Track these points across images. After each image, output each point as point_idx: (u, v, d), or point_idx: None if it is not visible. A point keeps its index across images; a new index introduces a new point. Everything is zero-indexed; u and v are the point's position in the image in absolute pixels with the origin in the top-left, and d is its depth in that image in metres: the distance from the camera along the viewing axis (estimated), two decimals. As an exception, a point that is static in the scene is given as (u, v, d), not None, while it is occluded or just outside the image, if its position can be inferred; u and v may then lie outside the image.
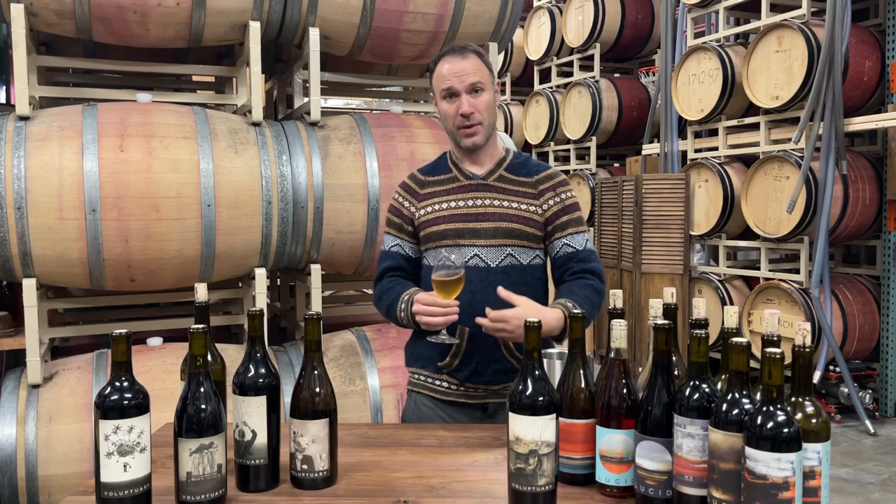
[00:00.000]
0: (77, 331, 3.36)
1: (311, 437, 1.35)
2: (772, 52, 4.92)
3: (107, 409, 1.22)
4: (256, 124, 3.27)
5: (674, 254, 5.29)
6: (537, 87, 7.86)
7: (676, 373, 1.40)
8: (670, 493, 1.23)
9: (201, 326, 1.29)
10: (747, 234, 5.34)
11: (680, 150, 5.92)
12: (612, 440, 1.30)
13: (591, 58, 7.17)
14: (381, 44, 3.50)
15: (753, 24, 5.28)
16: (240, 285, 3.61)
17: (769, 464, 1.07)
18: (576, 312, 1.39)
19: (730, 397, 1.15)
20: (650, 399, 1.26)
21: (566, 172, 7.40)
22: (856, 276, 5.26)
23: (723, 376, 1.32)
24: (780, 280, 4.94)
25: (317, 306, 3.31)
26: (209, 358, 1.38)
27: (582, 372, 1.37)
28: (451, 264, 1.73)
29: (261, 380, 1.37)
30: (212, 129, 3.09)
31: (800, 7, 4.87)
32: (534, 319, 1.30)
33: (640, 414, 1.27)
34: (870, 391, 4.81)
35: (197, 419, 1.26)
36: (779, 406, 1.09)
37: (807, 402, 1.17)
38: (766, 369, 1.11)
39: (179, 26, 3.20)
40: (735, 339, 1.17)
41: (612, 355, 1.34)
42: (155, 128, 2.98)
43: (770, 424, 1.08)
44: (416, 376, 1.99)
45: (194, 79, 4.44)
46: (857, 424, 4.65)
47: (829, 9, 4.57)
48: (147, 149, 2.92)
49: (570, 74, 7.47)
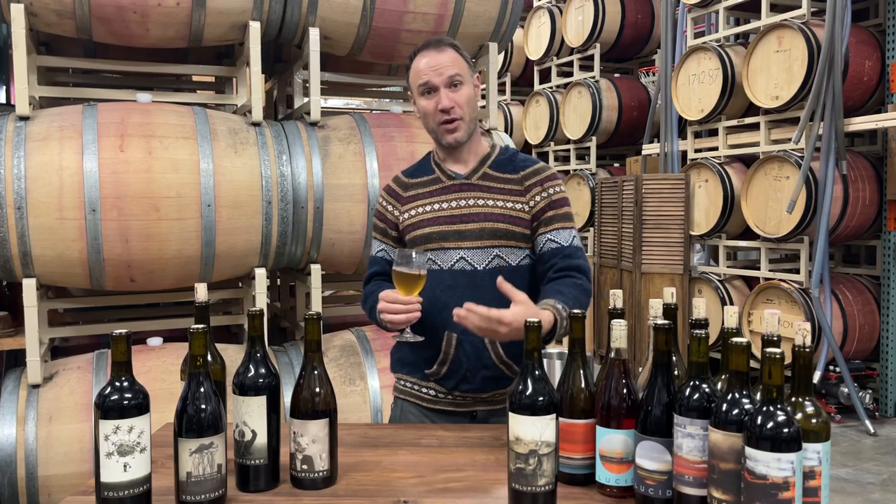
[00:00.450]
0: (77, 331, 3.36)
1: (311, 437, 1.35)
2: (772, 52, 4.92)
3: (107, 409, 1.22)
4: (256, 124, 3.27)
5: (674, 254, 5.29)
6: (537, 87, 7.86)
7: (676, 373, 1.39)
8: (670, 493, 1.23)
9: (201, 326, 1.29)
10: (747, 234, 5.34)
11: (680, 150, 5.92)
12: (612, 440, 1.30)
13: (591, 58, 7.17)
14: (381, 44, 3.50)
15: (753, 24, 5.28)
16: (240, 285, 3.61)
17: (769, 464, 1.07)
18: (576, 313, 1.39)
19: (730, 397, 1.15)
20: (650, 399, 1.26)
21: (566, 172, 7.40)
22: (856, 276, 5.26)
23: (723, 376, 1.32)
24: (780, 280, 4.94)
25: (317, 306, 3.31)
26: (209, 358, 1.38)
27: (582, 372, 1.37)
28: (411, 258, 1.65)
29: (261, 380, 1.37)
30: (212, 129, 3.09)
31: (800, 7, 4.87)
32: (534, 319, 1.30)
33: (640, 414, 1.27)
34: (870, 391, 4.81)
35: (197, 419, 1.26)
36: (779, 406, 1.09)
37: (807, 402, 1.17)
38: (766, 369, 1.11)
39: (179, 26, 3.20)
40: (735, 339, 1.17)
41: (612, 355, 1.34)
42: (155, 128, 2.98)
43: (770, 424, 1.08)
44: (403, 383, 1.94)
45: (194, 79, 4.44)
46: (857, 424, 4.65)
47: (829, 9, 4.57)
48: (147, 149, 2.92)
49: (570, 74, 7.47)
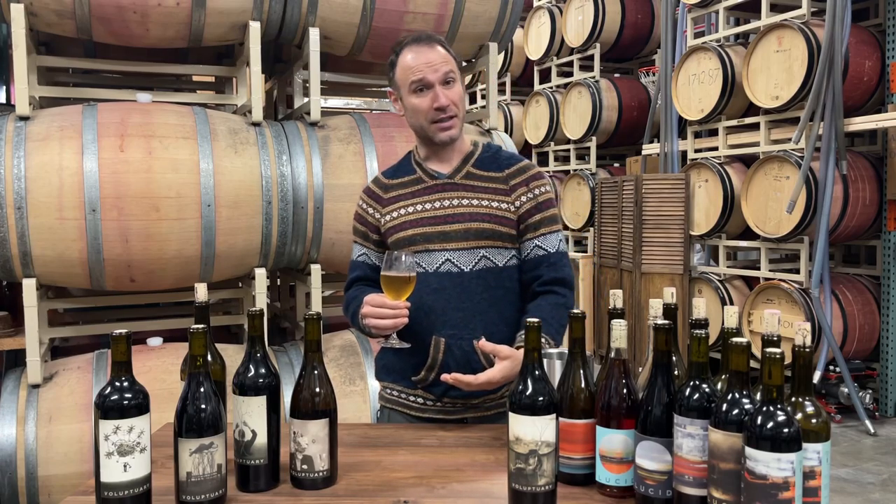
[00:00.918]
0: (77, 331, 3.36)
1: (311, 437, 1.35)
2: (772, 52, 4.92)
3: (107, 409, 1.22)
4: (256, 124, 3.27)
5: (674, 254, 5.30)
6: (537, 87, 7.86)
7: (676, 373, 1.39)
8: (670, 493, 1.23)
9: (201, 326, 1.29)
10: (747, 234, 5.34)
11: (680, 150, 5.92)
12: (612, 440, 1.30)
13: (591, 58, 7.17)
14: (381, 44, 3.50)
15: (753, 24, 5.28)
16: (240, 285, 3.62)
17: (769, 464, 1.07)
18: (575, 312, 1.39)
19: (730, 397, 1.15)
20: (650, 399, 1.26)
21: (566, 172, 7.40)
22: (856, 276, 5.26)
23: (723, 376, 1.32)
24: (780, 280, 4.94)
25: (317, 306, 3.31)
26: (209, 358, 1.38)
27: (582, 372, 1.37)
28: (400, 260, 1.61)
29: (261, 380, 1.37)
30: (212, 129, 3.09)
31: (800, 7, 4.87)
32: (534, 319, 1.30)
33: (640, 414, 1.26)
34: (870, 391, 4.81)
35: (197, 419, 1.26)
36: (779, 406, 1.09)
37: (807, 402, 1.17)
38: (766, 369, 1.11)
39: (179, 26, 3.20)
40: (735, 339, 1.17)
41: (612, 355, 1.34)
42: (155, 128, 2.99)
43: (770, 424, 1.08)
44: (389, 391, 1.87)
45: (194, 79, 4.44)
46: (857, 424, 4.65)
47: (829, 9, 4.57)
48: (147, 149, 2.92)
49: (570, 74, 7.47)
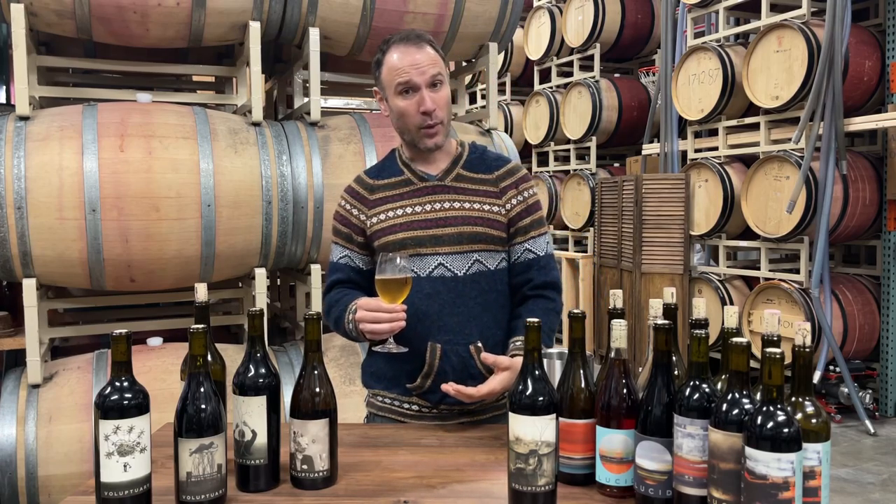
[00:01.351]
0: (77, 331, 3.37)
1: (311, 437, 1.35)
2: (772, 52, 4.92)
3: (107, 409, 1.22)
4: (256, 124, 3.27)
5: (674, 254, 5.30)
6: (537, 87, 7.86)
7: (676, 373, 1.39)
8: (670, 493, 1.23)
9: (201, 326, 1.29)
10: (747, 234, 5.34)
11: (680, 150, 5.92)
12: (612, 440, 1.30)
13: (591, 58, 7.17)
14: (381, 44, 3.50)
15: (753, 24, 5.28)
16: (240, 285, 3.62)
17: (769, 464, 1.07)
18: (575, 312, 1.39)
19: (730, 397, 1.15)
20: (650, 399, 1.26)
21: (566, 172, 7.40)
22: (856, 276, 5.26)
23: (723, 376, 1.32)
24: (780, 280, 4.94)
25: (317, 306, 3.31)
26: (209, 358, 1.38)
27: (582, 372, 1.37)
28: (396, 263, 1.57)
29: (261, 380, 1.37)
30: (212, 129, 3.09)
31: (800, 7, 4.87)
32: (534, 320, 1.30)
33: (640, 414, 1.26)
34: (870, 391, 4.81)
35: (197, 419, 1.26)
36: (779, 406, 1.09)
37: (807, 402, 1.17)
38: (766, 369, 1.11)
39: (179, 26, 3.20)
40: (735, 339, 1.17)
41: (612, 355, 1.33)
42: (155, 128, 2.99)
43: (770, 424, 1.08)
44: (380, 399, 1.82)
45: (194, 79, 4.45)
46: (857, 424, 4.65)
47: (829, 9, 4.57)
48: (147, 149, 2.92)
49: (570, 74, 7.47)
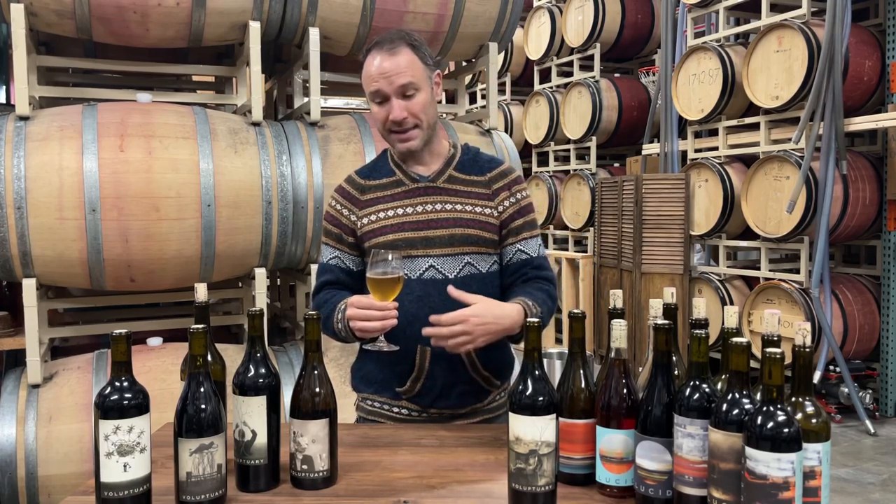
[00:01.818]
0: (77, 331, 3.36)
1: (311, 437, 1.35)
2: (772, 52, 4.92)
3: (107, 409, 1.22)
4: (256, 124, 3.27)
5: (674, 254, 5.30)
6: (537, 87, 7.86)
7: (676, 373, 1.39)
8: (670, 493, 1.23)
9: (201, 326, 1.29)
10: (747, 234, 5.34)
11: (680, 150, 5.92)
12: (612, 440, 1.30)
13: (591, 58, 7.17)
14: (381, 44, 3.50)
15: (753, 24, 5.28)
16: (240, 285, 3.62)
17: (769, 464, 1.07)
18: (575, 312, 1.39)
19: (730, 397, 1.15)
20: (650, 399, 1.26)
21: (566, 172, 7.40)
22: (856, 276, 5.26)
23: (723, 376, 1.32)
24: (780, 280, 4.94)
25: (317, 306, 3.30)
26: (209, 358, 1.38)
27: (582, 372, 1.37)
28: (388, 260, 1.56)
29: (261, 380, 1.37)
30: (212, 129, 3.09)
31: (800, 7, 4.87)
32: (534, 320, 1.30)
33: (640, 414, 1.26)
34: (870, 391, 4.81)
35: (197, 419, 1.26)
36: (779, 406, 1.09)
37: (807, 402, 1.17)
38: (766, 369, 1.11)
39: (179, 26, 3.20)
40: (735, 339, 1.17)
41: (612, 355, 1.34)
42: (155, 128, 2.99)
43: (770, 424, 1.08)
44: (370, 403, 1.81)
45: (194, 79, 4.45)
46: (857, 424, 4.65)
47: (829, 9, 4.57)
48: (147, 149, 2.92)
49: (570, 74, 7.47)
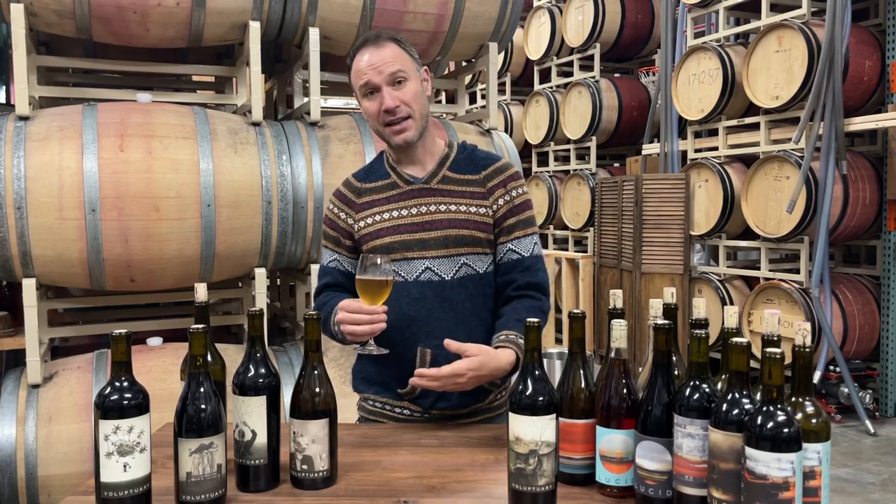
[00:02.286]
0: (77, 331, 3.36)
1: (311, 437, 1.35)
2: (772, 52, 4.92)
3: (107, 409, 1.22)
4: (256, 124, 3.27)
5: (674, 254, 5.30)
6: (537, 87, 7.86)
7: (676, 373, 1.39)
8: (670, 493, 1.23)
9: (201, 326, 1.29)
10: (747, 234, 5.34)
11: (680, 150, 5.92)
12: (612, 440, 1.30)
13: (591, 58, 7.17)
14: (381, 44, 3.50)
15: (753, 24, 5.28)
16: (240, 285, 3.62)
17: (769, 464, 1.07)
18: (575, 312, 1.39)
19: (730, 397, 1.15)
20: (650, 399, 1.26)
21: (566, 172, 7.40)
22: (856, 276, 5.26)
23: (723, 376, 1.32)
24: (780, 280, 4.94)
25: (317, 306, 3.30)
26: (209, 358, 1.38)
27: (582, 372, 1.37)
28: (376, 263, 1.56)
29: (261, 380, 1.37)
30: (212, 129, 3.09)
31: (800, 7, 4.87)
32: (534, 320, 1.30)
33: (640, 414, 1.26)
34: (870, 391, 4.81)
35: (197, 419, 1.26)
36: (779, 406, 1.09)
37: (807, 402, 1.17)
38: (766, 369, 1.11)
39: (179, 26, 3.20)
40: (735, 339, 1.17)
41: (612, 355, 1.33)
42: (155, 128, 2.99)
43: (770, 424, 1.08)
44: (371, 403, 1.82)
45: (194, 79, 4.45)
46: (857, 424, 4.65)
47: (829, 9, 4.57)
48: (147, 149, 2.92)
49: (570, 74, 7.47)
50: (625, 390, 1.31)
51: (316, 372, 1.39)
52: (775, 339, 1.20)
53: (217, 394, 1.30)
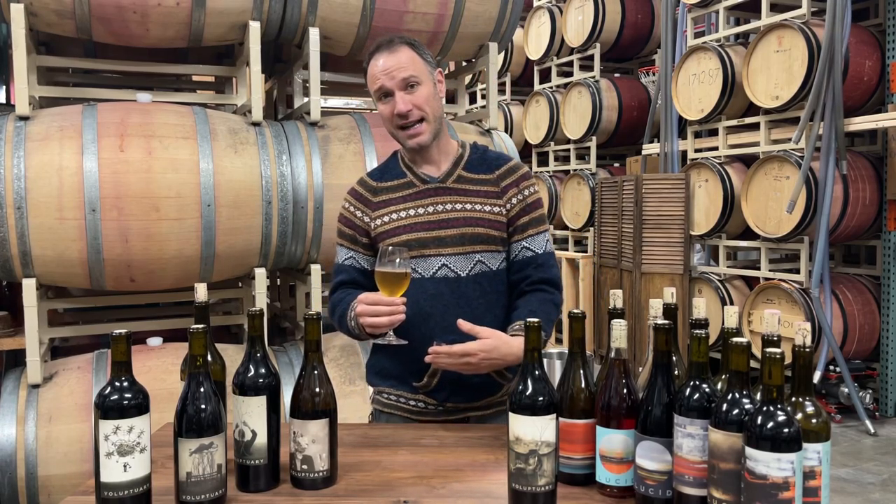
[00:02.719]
0: (77, 331, 3.36)
1: (311, 437, 1.35)
2: (772, 52, 4.92)
3: (107, 409, 1.22)
4: (256, 124, 3.27)
5: (674, 254, 5.30)
6: (537, 87, 7.86)
7: (676, 373, 1.39)
8: (670, 493, 1.23)
9: (201, 326, 1.29)
10: (747, 234, 5.34)
11: (680, 150, 5.92)
12: (612, 440, 1.30)
13: (591, 58, 7.17)
14: (381, 44, 3.50)
15: (753, 24, 5.28)
16: (240, 285, 3.62)
17: (769, 464, 1.07)
18: (575, 312, 1.39)
19: (730, 397, 1.15)
20: (650, 399, 1.26)
21: (566, 172, 7.40)
22: (856, 276, 5.26)
23: (723, 376, 1.32)
24: (780, 280, 4.94)
25: (317, 306, 3.31)
26: (209, 358, 1.38)
27: (582, 372, 1.37)
28: (395, 255, 1.60)
29: (261, 380, 1.37)
30: (212, 129, 3.09)
31: (800, 7, 4.87)
32: (534, 320, 1.30)
33: (640, 414, 1.27)
34: (870, 391, 4.81)
35: (197, 419, 1.26)
36: (779, 406, 1.09)
37: (807, 402, 1.17)
38: (766, 369, 1.11)
39: (179, 26, 3.20)
40: (735, 339, 1.17)
41: (612, 355, 1.34)
42: (155, 128, 2.99)
43: (770, 424, 1.08)
44: (386, 396, 1.85)
45: (194, 79, 4.44)
46: (857, 424, 4.65)
47: (829, 9, 4.57)
48: (147, 149, 2.92)
49: (570, 74, 7.47)
50: (625, 390, 1.31)
51: (316, 372, 1.39)
52: (775, 339, 1.20)
53: (217, 394, 1.30)
